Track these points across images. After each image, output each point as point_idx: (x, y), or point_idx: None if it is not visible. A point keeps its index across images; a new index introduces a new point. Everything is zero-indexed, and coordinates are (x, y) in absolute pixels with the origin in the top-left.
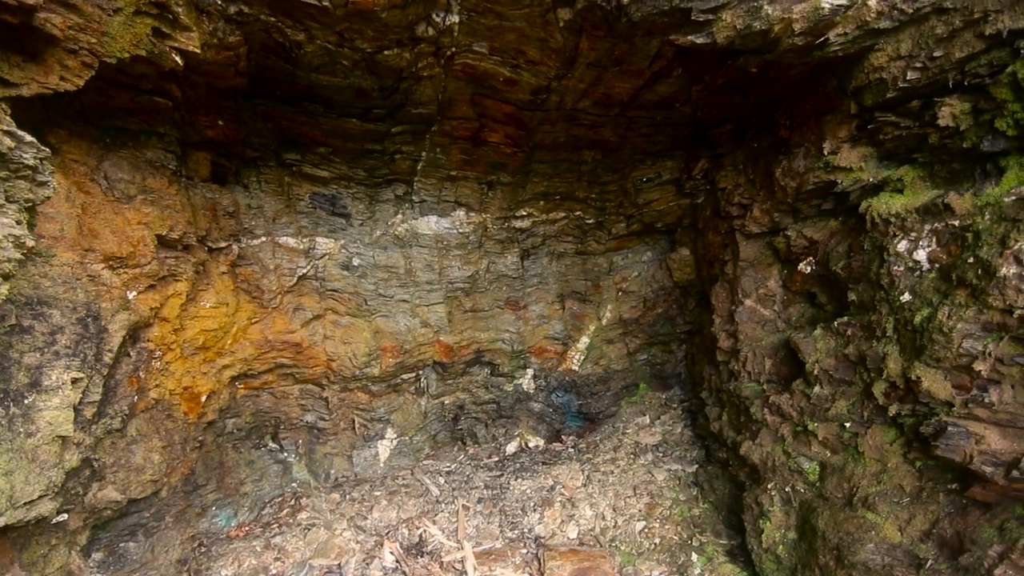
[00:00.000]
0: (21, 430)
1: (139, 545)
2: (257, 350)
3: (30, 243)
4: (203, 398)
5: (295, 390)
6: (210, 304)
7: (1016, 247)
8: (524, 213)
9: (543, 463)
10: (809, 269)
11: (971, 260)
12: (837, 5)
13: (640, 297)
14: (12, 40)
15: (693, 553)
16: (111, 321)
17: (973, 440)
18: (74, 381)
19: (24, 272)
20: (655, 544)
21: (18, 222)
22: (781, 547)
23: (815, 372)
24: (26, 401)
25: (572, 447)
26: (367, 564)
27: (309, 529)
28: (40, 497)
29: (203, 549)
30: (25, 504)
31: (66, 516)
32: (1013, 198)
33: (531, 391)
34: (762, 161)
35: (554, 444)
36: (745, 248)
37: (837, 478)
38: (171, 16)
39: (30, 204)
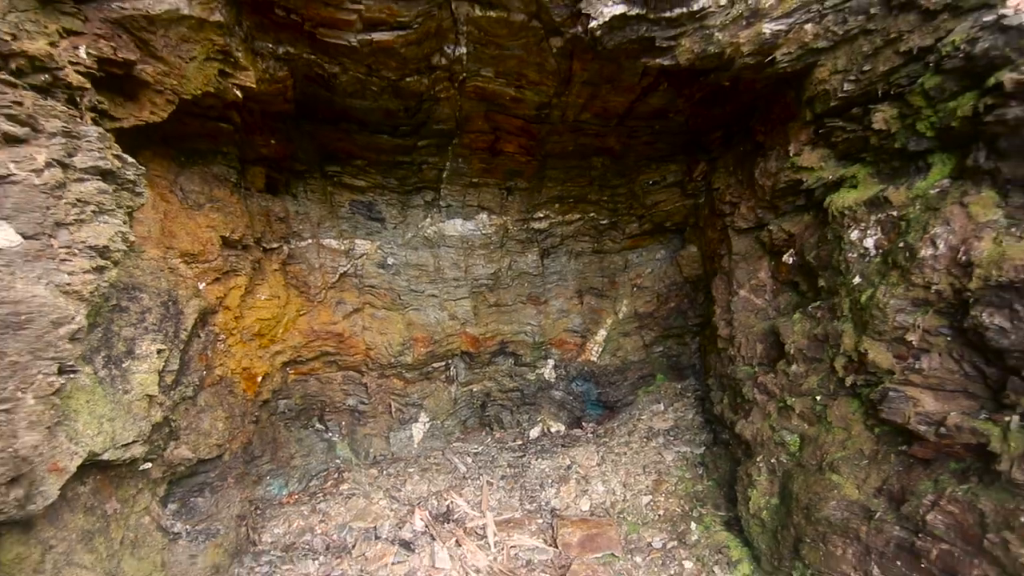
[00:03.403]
0: (120, 388)
1: (206, 500)
2: (305, 339)
3: (132, 239)
4: (259, 379)
5: (338, 376)
6: (264, 297)
7: (933, 232)
8: (541, 215)
9: (562, 446)
10: (791, 260)
11: (901, 245)
12: (777, 30)
13: (654, 292)
14: (116, 86)
15: (692, 523)
16: (186, 306)
17: (911, 403)
18: (158, 352)
19: (123, 264)
20: (659, 515)
21: (124, 223)
22: (765, 512)
23: (792, 352)
24: (123, 365)
25: (591, 433)
26: (399, 527)
27: (350, 498)
28: (133, 441)
29: (258, 512)
30: (123, 445)
31: (150, 465)
32: (937, 190)
33: (552, 380)
34: (746, 163)
35: (574, 430)
36: (737, 243)
37: (812, 447)
38: (233, 60)
39: (130, 210)
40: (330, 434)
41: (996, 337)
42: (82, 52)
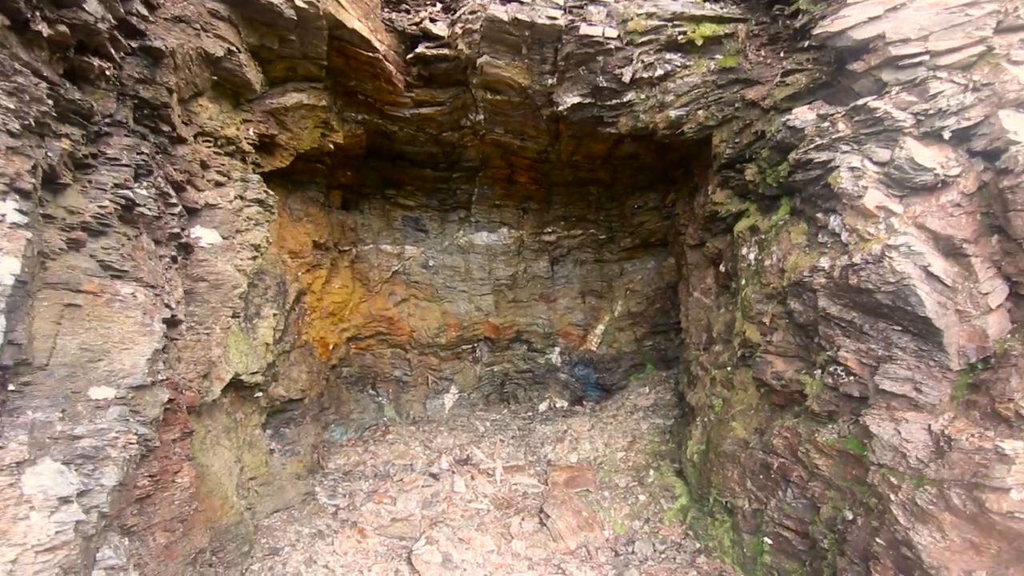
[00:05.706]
0: (251, 336)
1: (291, 431)
2: (364, 320)
3: (271, 240)
4: (330, 347)
5: (388, 352)
6: (337, 285)
7: (772, 249)
8: (550, 230)
9: (563, 416)
10: (724, 269)
11: (760, 257)
12: (680, 114)
13: (644, 295)
14: (263, 148)
15: (651, 470)
16: (290, 286)
17: (769, 366)
18: (274, 315)
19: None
20: (628, 465)
21: (267, 231)
22: (696, 456)
23: (716, 336)
24: (253, 321)
25: (589, 409)
26: (429, 465)
27: (393, 444)
28: (256, 371)
29: (325, 449)
30: (252, 373)
31: (261, 395)
32: (782, 222)
33: (558, 364)
34: (691, 195)
35: (576, 406)
36: (690, 255)
37: (727, 406)
38: (330, 126)
39: (268, 222)
40: (380, 398)
41: (798, 317)
42: (251, 131)
